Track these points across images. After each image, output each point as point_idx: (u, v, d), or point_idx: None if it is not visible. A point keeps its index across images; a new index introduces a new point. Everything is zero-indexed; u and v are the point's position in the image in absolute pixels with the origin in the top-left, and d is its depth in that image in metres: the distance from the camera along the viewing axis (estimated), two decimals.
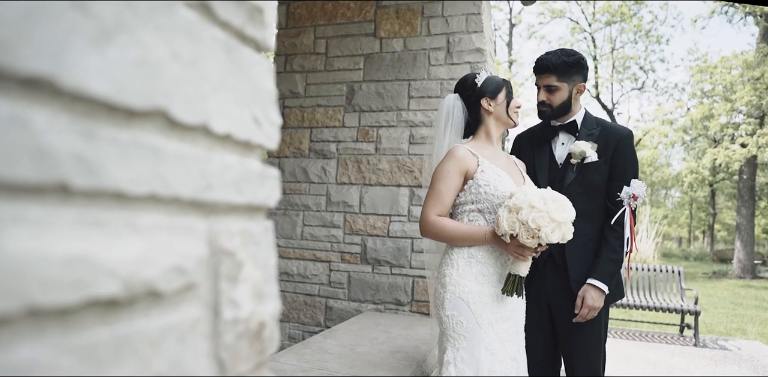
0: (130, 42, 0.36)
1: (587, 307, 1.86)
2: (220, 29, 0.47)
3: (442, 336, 1.80)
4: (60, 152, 0.31)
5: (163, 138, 0.40)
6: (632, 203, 1.86)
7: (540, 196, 1.55)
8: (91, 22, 0.33)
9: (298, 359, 2.14)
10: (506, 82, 1.92)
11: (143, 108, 0.37)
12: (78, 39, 0.32)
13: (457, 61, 3.38)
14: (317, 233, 3.61)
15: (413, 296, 3.34)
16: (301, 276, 3.61)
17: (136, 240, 0.36)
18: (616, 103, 25.74)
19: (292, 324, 3.59)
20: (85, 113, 0.33)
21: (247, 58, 0.51)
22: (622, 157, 1.93)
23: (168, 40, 0.40)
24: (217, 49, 0.46)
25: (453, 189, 1.79)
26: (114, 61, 0.35)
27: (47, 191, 0.30)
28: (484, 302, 1.74)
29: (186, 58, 0.42)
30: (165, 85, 0.39)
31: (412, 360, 2.24)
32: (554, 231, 1.53)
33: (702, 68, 16.99)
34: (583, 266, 1.92)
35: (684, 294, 5.75)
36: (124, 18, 0.36)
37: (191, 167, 0.42)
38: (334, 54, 3.68)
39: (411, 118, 3.45)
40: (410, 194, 3.42)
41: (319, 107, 3.70)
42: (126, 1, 0.36)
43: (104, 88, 0.34)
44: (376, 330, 2.77)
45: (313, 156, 3.68)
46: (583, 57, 1.92)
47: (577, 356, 1.96)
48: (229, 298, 0.47)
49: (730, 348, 5.31)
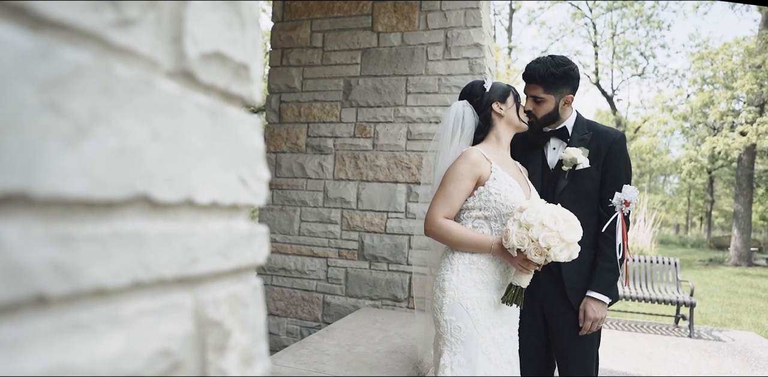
0: (107, 132, 0.35)
1: (590, 320, 1.87)
2: (204, 94, 0.46)
3: (439, 339, 1.82)
4: (34, 265, 0.30)
5: (144, 222, 0.39)
6: (624, 209, 1.86)
7: (551, 215, 1.56)
8: (65, 122, 0.32)
9: (295, 361, 2.16)
10: (511, 87, 1.93)
11: (123, 197, 0.36)
12: (52, 141, 0.31)
13: (456, 56, 3.34)
14: (314, 229, 3.61)
15: (410, 292, 3.35)
16: (299, 272, 3.62)
17: (118, 334, 0.36)
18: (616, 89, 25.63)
19: (289, 319, 3.61)
20: (62, 215, 0.33)
21: (233, 118, 0.50)
22: (614, 162, 1.91)
23: (148, 121, 0.39)
24: (201, 116, 0.45)
25: (464, 193, 1.79)
26: (91, 156, 0.34)
27: (22, 306, 0.30)
28: (482, 308, 1.76)
29: (167, 135, 0.40)
30: (145, 168, 0.38)
31: (408, 361, 2.26)
32: (563, 251, 1.55)
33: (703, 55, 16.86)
34: (576, 272, 1.92)
35: (680, 285, 5.79)
36: (100, 108, 0.35)
37: (175, 245, 0.42)
38: (331, 48, 3.64)
39: (409, 114, 3.43)
40: (407, 191, 3.41)
41: (315, 101, 3.67)
42: (102, 89, 0.35)
43: (82, 187, 0.33)
44: (373, 329, 2.79)
45: (310, 152, 3.66)
46: (572, 68, 1.88)
47: (570, 358, 1.97)
48: (217, 368, 0.46)
49: (724, 339, 5.37)
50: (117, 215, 0.37)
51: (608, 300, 1.88)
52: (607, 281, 1.88)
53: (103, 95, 0.35)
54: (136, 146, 0.37)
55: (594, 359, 1.99)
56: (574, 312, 1.93)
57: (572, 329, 1.94)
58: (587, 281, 1.93)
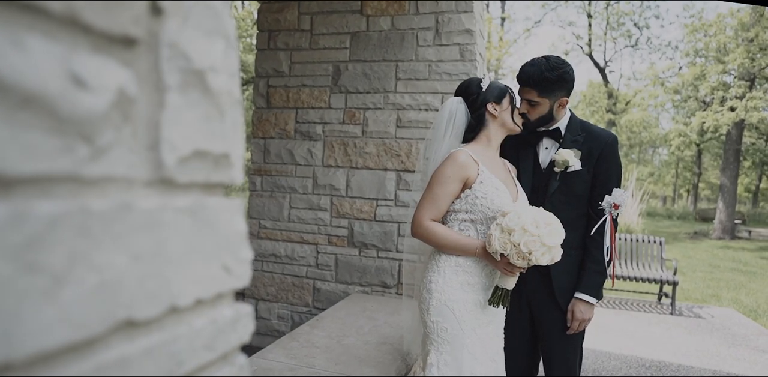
0: (86, 271, 0.35)
1: (577, 320, 1.93)
2: (184, 194, 0.45)
3: (426, 338, 1.86)
4: None
5: (128, 344, 0.39)
6: (613, 212, 1.88)
7: (533, 219, 1.57)
8: (42, 277, 0.32)
9: (285, 355, 2.20)
10: (508, 88, 1.90)
11: (105, 329, 0.36)
12: (29, 301, 0.31)
13: (446, 42, 3.29)
14: (304, 216, 3.62)
15: (399, 279, 3.40)
16: (289, 258, 3.65)
17: None
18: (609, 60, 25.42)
19: (280, 305, 3.66)
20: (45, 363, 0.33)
21: (214, 209, 0.49)
22: (605, 165, 1.92)
23: (128, 245, 0.38)
24: (181, 220, 0.44)
25: (450, 195, 1.80)
26: (70, 301, 0.34)
27: None
28: (468, 309, 1.79)
29: (148, 253, 0.40)
30: (126, 294, 0.38)
31: (396, 353, 2.32)
32: (544, 254, 1.57)
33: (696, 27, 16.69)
34: (565, 272, 1.96)
35: (664, 264, 5.92)
36: (78, 250, 0.34)
37: (159, 355, 0.42)
38: (320, 31, 3.56)
39: (398, 101, 3.39)
40: (397, 179, 3.42)
41: (304, 86, 3.62)
42: (79, 231, 0.34)
43: (62, 334, 0.33)
44: (363, 317, 2.84)
45: (299, 138, 3.63)
46: (567, 71, 1.85)
47: (556, 355, 2.03)
48: None
49: (704, 316, 5.53)
50: (100, 347, 0.37)
51: (596, 301, 1.93)
52: (595, 283, 1.93)
53: (80, 237, 0.34)
54: (117, 276, 0.37)
55: (578, 355, 2.05)
56: (561, 311, 1.98)
57: (559, 327, 1.99)
58: (575, 281, 1.97)
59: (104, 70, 0.37)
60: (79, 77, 0.34)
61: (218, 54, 0.48)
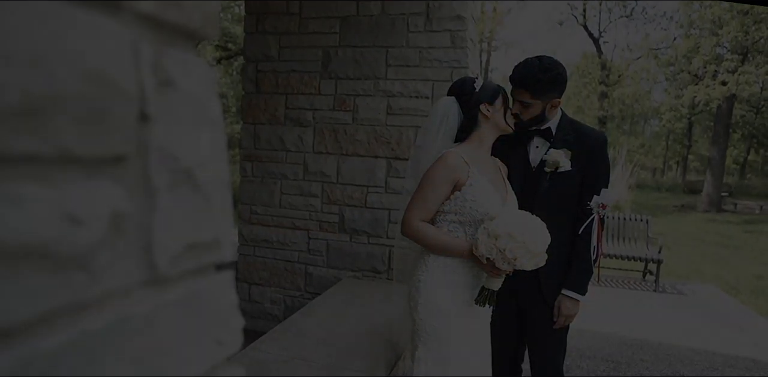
0: None
1: (563, 316, 2.00)
2: (176, 287, 0.48)
3: (414, 334, 1.93)
4: None
5: None
6: (601, 212, 1.92)
7: (519, 224, 1.61)
8: None
9: (278, 346, 2.27)
10: (501, 89, 1.90)
11: None
12: None
13: (437, 28, 3.25)
14: (295, 202, 3.64)
15: (389, 264, 3.47)
16: (281, 243, 3.69)
17: None
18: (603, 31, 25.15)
19: (273, 289, 3.73)
20: None
21: (207, 288, 0.52)
22: (595, 166, 1.95)
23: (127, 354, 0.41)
24: (175, 312, 0.47)
25: (440, 197, 1.82)
26: None
27: None
28: (455, 308, 1.85)
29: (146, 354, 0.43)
30: None
31: (386, 343, 2.39)
32: (529, 260, 1.62)
33: None
34: (552, 269, 2.01)
35: (650, 242, 6.04)
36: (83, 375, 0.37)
37: None
38: (309, 15, 3.50)
39: (389, 88, 3.38)
40: (387, 166, 3.43)
41: (294, 72, 3.58)
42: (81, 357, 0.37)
43: None
44: (354, 305, 2.91)
45: (289, 124, 3.62)
46: (560, 72, 1.86)
47: (541, 348, 2.11)
48: None
49: (687, 292, 5.70)
50: None
51: (582, 298, 2.00)
52: (582, 281, 1.99)
53: (84, 364, 0.37)
54: None
55: (563, 348, 2.14)
56: (548, 306, 2.05)
57: (545, 321, 2.06)
58: (562, 278, 2.02)
59: (97, 197, 0.38)
60: (73, 216, 0.36)
61: (205, 146, 0.50)
